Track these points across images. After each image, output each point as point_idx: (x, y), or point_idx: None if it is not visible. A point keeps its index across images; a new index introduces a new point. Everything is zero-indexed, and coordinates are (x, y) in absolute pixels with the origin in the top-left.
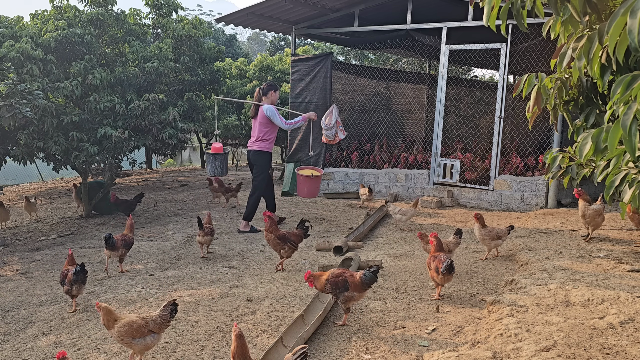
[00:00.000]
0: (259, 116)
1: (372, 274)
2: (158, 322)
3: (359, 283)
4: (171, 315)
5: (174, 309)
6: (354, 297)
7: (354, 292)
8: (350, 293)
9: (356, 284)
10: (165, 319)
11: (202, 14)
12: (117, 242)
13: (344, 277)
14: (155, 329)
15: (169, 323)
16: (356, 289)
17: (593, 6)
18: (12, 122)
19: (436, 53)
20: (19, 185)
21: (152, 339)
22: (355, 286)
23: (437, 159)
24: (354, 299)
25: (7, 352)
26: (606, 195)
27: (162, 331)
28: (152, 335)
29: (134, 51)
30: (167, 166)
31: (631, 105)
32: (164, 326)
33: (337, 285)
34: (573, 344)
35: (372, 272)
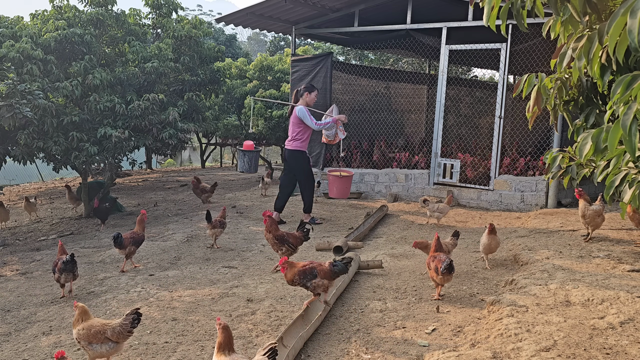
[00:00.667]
0: (292, 116)
1: (343, 264)
2: (117, 331)
3: (329, 271)
4: (132, 325)
5: (136, 318)
6: (323, 284)
7: (323, 280)
8: (318, 280)
9: (325, 271)
10: (125, 328)
11: (202, 14)
12: (125, 241)
13: (312, 266)
14: (114, 338)
15: (130, 333)
16: (325, 276)
17: (593, 6)
18: (12, 122)
19: (436, 53)
20: (19, 185)
21: (109, 347)
22: (325, 273)
23: (437, 159)
24: (323, 286)
25: (7, 352)
26: (606, 195)
27: (121, 341)
28: (109, 343)
29: (134, 51)
30: (167, 166)
31: (631, 105)
32: (124, 336)
33: (305, 274)
34: (573, 344)
35: (344, 263)
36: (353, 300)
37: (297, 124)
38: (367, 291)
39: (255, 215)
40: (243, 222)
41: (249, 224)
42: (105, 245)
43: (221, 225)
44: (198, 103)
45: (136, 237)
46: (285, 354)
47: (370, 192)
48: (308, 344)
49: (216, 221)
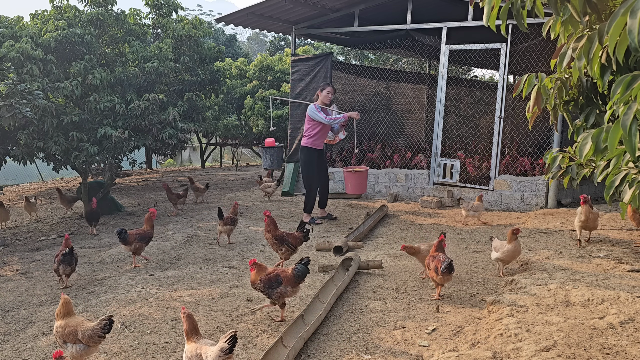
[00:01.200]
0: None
1: (303, 265)
2: (87, 335)
3: (292, 276)
4: (103, 331)
5: (108, 325)
6: (287, 292)
7: (287, 287)
8: (283, 288)
9: (289, 277)
10: (96, 332)
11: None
12: (129, 237)
13: (276, 273)
14: (84, 340)
15: (101, 338)
16: (289, 282)
17: (593, 6)
18: (12, 122)
19: (436, 53)
20: (19, 185)
21: (79, 348)
22: (289, 280)
23: (437, 159)
24: (287, 294)
25: (7, 352)
26: (606, 195)
27: (92, 345)
28: (79, 345)
29: (134, 51)
30: (167, 166)
31: (631, 105)
32: (94, 340)
33: (270, 282)
34: (573, 344)
35: (303, 264)
36: (353, 300)
37: (307, 121)
38: (367, 291)
39: (255, 215)
40: (243, 222)
41: (249, 224)
42: (105, 245)
43: (232, 222)
44: (198, 103)
45: (143, 234)
46: (285, 354)
47: (370, 192)
48: (308, 344)
49: (227, 218)
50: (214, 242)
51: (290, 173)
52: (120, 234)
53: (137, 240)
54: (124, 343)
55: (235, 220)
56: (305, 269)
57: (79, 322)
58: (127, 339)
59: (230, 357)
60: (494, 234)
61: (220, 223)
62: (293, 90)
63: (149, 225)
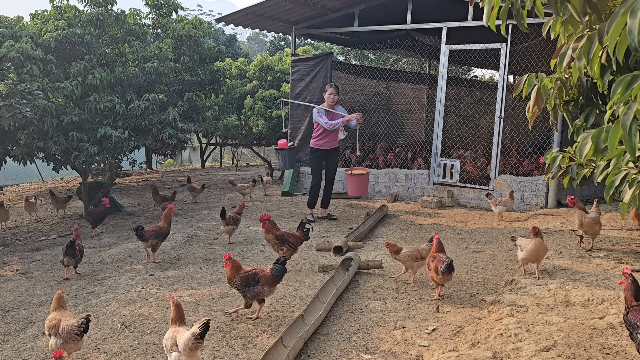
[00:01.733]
0: None
1: (280, 265)
2: (65, 330)
3: (270, 276)
4: (79, 329)
5: (84, 323)
6: (264, 291)
7: (265, 287)
8: (260, 287)
9: (267, 277)
10: (73, 330)
11: (202, 14)
12: (146, 233)
13: (254, 271)
14: (62, 335)
15: (78, 335)
16: (267, 282)
17: (593, 6)
18: (12, 122)
19: (436, 53)
20: (19, 185)
21: (58, 343)
22: (267, 279)
23: (437, 159)
24: (263, 294)
25: (7, 352)
26: (606, 195)
27: (69, 341)
28: (59, 339)
29: (134, 51)
30: (167, 166)
31: (631, 105)
32: (72, 337)
33: (248, 280)
34: (573, 344)
35: (281, 264)
36: (353, 300)
37: (314, 122)
38: (367, 291)
39: (255, 215)
40: (243, 222)
41: (249, 224)
42: (105, 245)
43: (234, 222)
44: (198, 103)
45: (159, 230)
46: (285, 354)
47: (370, 192)
48: (308, 344)
49: (230, 217)
50: (214, 242)
51: (290, 173)
52: (137, 231)
53: (154, 237)
54: (124, 343)
55: (237, 220)
56: (284, 268)
57: (64, 318)
58: (127, 339)
59: (201, 342)
60: (494, 234)
61: (222, 223)
62: (293, 90)
63: (167, 221)
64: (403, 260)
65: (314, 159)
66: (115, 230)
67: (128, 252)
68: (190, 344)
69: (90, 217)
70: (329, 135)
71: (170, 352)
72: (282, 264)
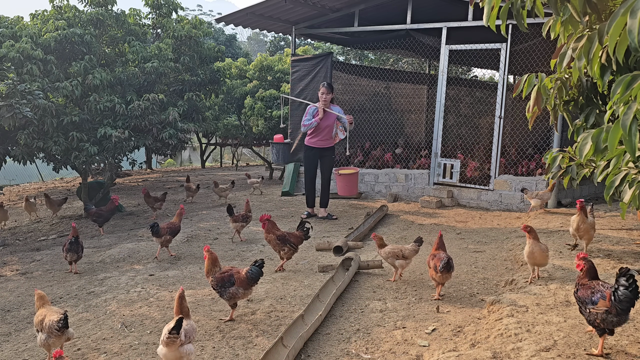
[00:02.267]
0: None
1: (258, 268)
2: (47, 325)
3: (245, 279)
4: (59, 325)
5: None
6: (239, 294)
7: (240, 289)
8: (235, 289)
9: (242, 279)
10: (54, 325)
11: (202, 14)
12: (161, 230)
13: (230, 273)
14: (44, 330)
15: (59, 331)
16: (242, 284)
17: (593, 6)
18: (12, 122)
19: (436, 53)
20: (19, 185)
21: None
22: (241, 282)
23: (437, 159)
24: (238, 296)
25: (7, 352)
26: (606, 195)
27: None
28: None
29: (134, 51)
30: (167, 166)
31: (631, 105)
32: (53, 332)
33: (223, 281)
34: (573, 344)
35: (258, 267)
36: (353, 300)
37: None
38: (367, 291)
39: (255, 215)
40: None
41: (249, 224)
42: (105, 245)
43: (244, 219)
44: (198, 103)
45: (173, 227)
46: (285, 354)
47: (370, 192)
48: (308, 344)
49: (238, 215)
50: (214, 242)
51: (290, 173)
52: (152, 227)
53: (168, 233)
54: (124, 343)
55: (247, 218)
56: (260, 271)
57: (48, 314)
58: (127, 339)
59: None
60: (494, 234)
61: (230, 219)
62: (293, 90)
63: (179, 219)
64: (384, 257)
65: (307, 157)
66: (116, 230)
67: (128, 252)
68: (165, 338)
69: (100, 217)
70: (321, 134)
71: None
72: (259, 267)
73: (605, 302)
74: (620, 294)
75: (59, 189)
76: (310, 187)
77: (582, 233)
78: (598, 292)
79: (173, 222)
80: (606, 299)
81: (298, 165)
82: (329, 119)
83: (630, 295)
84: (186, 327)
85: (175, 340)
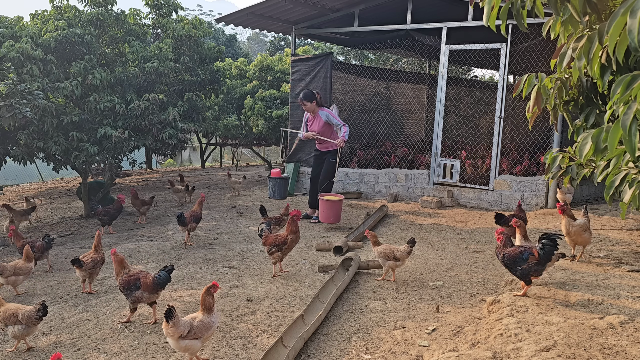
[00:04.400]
0: None
1: (166, 273)
2: (26, 316)
3: (151, 283)
4: (38, 314)
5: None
6: (144, 298)
7: (145, 293)
8: (140, 293)
9: (148, 284)
10: (33, 315)
11: (202, 14)
12: (187, 219)
13: (136, 276)
14: (23, 321)
15: (38, 320)
16: (147, 289)
17: (593, 6)
18: (12, 122)
19: (436, 53)
20: (19, 185)
21: (20, 329)
22: (147, 286)
23: (437, 159)
24: (143, 300)
25: (7, 352)
26: (606, 195)
27: (30, 325)
28: (20, 325)
29: (134, 51)
30: (167, 166)
31: (631, 105)
32: (32, 321)
33: (129, 284)
34: (573, 344)
35: (167, 272)
36: (353, 300)
37: None
38: (367, 291)
39: (255, 215)
40: (243, 222)
41: (249, 224)
42: (105, 246)
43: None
44: (198, 103)
45: (196, 215)
46: (285, 354)
47: (370, 192)
48: (308, 344)
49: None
50: (214, 242)
51: (290, 173)
52: (179, 218)
53: (192, 220)
54: (124, 343)
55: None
56: (168, 276)
57: (17, 307)
58: (127, 339)
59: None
60: (494, 234)
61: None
62: (293, 90)
63: (200, 207)
64: (376, 256)
65: (311, 158)
66: (116, 230)
67: (128, 252)
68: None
69: (106, 215)
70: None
71: None
72: (168, 272)
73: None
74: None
75: (59, 189)
76: (312, 187)
77: (574, 237)
78: (525, 251)
79: (194, 210)
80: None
81: (298, 165)
82: (316, 124)
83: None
84: (197, 323)
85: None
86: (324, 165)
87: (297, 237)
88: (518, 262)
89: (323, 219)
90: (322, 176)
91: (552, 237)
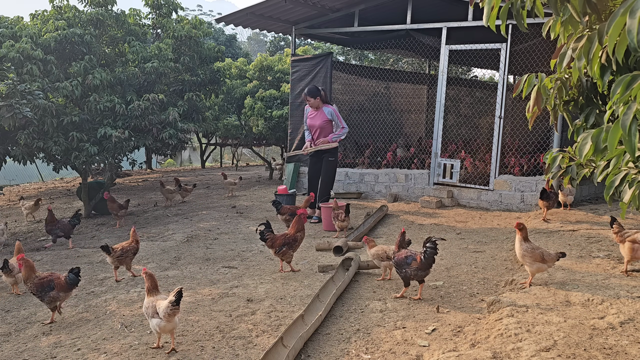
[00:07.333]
0: None
1: (74, 275)
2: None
3: (64, 283)
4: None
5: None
6: (60, 297)
7: (60, 292)
8: (55, 293)
9: (62, 284)
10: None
11: (202, 14)
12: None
13: (49, 278)
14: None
15: None
16: (62, 289)
17: (593, 6)
18: (12, 122)
19: (436, 53)
20: (19, 185)
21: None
22: (61, 286)
23: (437, 159)
24: (59, 299)
25: (7, 352)
26: (606, 195)
27: None
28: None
29: (134, 51)
30: (167, 166)
31: (631, 105)
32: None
33: (43, 286)
34: (573, 344)
35: (75, 274)
36: (353, 300)
37: None
38: (367, 291)
39: (255, 215)
40: (243, 222)
41: (249, 224)
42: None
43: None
44: (198, 103)
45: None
46: (285, 354)
47: (370, 192)
48: (308, 344)
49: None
50: (214, 242)
51: (290, 173)
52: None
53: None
54: (124, 343)
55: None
56: (76, 278)
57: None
58: (127, 339)
59: (177, 309)
60: (494, 234)
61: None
62: (293, 90)
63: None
64: (371, 258)
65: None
66: (115, 230)
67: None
68: (168, 310)
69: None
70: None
71: (151, 318)
72: (76, 274)
73: (416, 262)
74: (427, 253)
75: (59, 189)
76: (311, 188)
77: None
78: (410, 256)
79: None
80: (417, 260)
81: (298, 165)
82: (318, 119)
83: (433, 254)
84: None
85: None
86: (323, 164)
87: (303, 234)
88: (402, 265)
89: (326, 227)
90: (324, 175)
91: (434, 241)
